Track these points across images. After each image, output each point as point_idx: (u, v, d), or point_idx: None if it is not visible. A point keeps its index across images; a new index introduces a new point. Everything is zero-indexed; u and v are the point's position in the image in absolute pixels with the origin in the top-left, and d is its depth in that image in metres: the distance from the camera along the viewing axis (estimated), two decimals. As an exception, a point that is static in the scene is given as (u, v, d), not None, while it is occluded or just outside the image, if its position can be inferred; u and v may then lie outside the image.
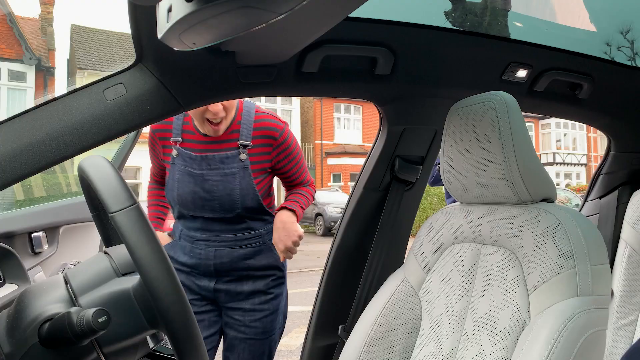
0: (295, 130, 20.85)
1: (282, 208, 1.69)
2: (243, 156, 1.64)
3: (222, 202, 1.64)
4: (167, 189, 1.71)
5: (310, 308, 1.62)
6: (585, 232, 0.90)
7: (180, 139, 1.66)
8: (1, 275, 1.29)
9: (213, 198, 1.64)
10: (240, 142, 1.64)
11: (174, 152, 1.67)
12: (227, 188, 1.64)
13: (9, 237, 1.68)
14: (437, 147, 1.53)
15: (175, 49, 0.83)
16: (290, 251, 1.63)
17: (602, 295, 0.88)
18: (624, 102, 1.65)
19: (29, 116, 0.95)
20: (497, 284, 0.98)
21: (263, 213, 1.71)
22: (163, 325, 0.76)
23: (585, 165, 25.52)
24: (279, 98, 20.06)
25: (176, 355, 0.76)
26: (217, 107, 1.53)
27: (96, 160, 0.82)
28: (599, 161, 1.93)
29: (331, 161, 21.42)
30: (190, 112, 1.61)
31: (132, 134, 2.20)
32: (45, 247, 1.85)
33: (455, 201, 1.26)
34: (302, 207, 1.74)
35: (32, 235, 1.79)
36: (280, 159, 1.71)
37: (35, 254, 1.80)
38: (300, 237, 1.64)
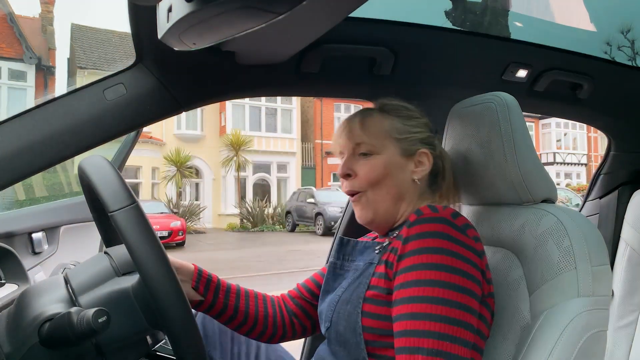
0: (295, 130, 20.85)
1: None
2: None
3: None
4: None
5: (310, 308, 1.61)
6: (586, 233, 0.90)
7: None
8: (1, 275, 1.29)
9: None
10: None
11: None
12: None
13: (9, 237, 1.67)
14: (437, 147, 1.53)
15: (175, 49, 0.83)
16: None
17: (603, 296, 0.88)
18: (624, 102, 1.65)
19: (29, 116, 0.95)
20: (498, 285, 0.98)
21: None
22: (163, 325, 0.76)
23: (586, 165, 25.51)
24: (279, 98, 20.04)
25: (175, 355, 0.76)
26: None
27: (96, 160, 0.82)
28: (599, 161, 1.92)
29: (331, 161, 21.41)
30: None
31: (132, 133, 2.19)
32: (45, 247, 1.85)
33: (455, 201, 1.26)
34: None
35: (32, 235, 1.79)
36: None
37: (35, 254, 1.79)
38: None
